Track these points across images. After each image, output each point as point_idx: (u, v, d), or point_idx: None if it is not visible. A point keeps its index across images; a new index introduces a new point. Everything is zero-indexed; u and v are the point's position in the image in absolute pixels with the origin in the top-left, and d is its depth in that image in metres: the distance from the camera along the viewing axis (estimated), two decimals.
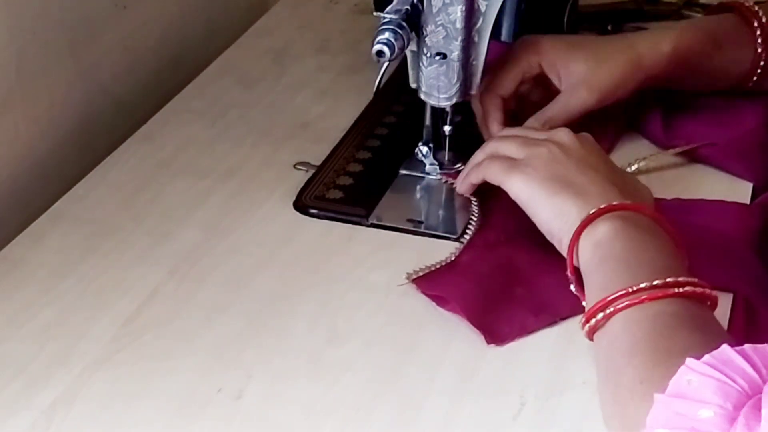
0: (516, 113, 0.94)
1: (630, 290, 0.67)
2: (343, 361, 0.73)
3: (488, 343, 0.75)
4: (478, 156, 0.85)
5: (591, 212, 0.73)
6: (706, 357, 0.56)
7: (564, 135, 0.81)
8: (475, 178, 0.85)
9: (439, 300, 0.78)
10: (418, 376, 0.72)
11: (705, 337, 0.63)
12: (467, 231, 0.85)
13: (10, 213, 0.92)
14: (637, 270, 0.69)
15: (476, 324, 0.75)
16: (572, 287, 0.73)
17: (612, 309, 0.67)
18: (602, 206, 0.74)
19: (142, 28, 1.10)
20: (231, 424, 0.69)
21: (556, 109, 0.92)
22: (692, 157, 0.94)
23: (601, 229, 0.73)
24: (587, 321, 0.69)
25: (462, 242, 0.84)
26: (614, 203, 0.74)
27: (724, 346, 0.57)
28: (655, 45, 0.94)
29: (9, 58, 0.91)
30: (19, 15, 0.92)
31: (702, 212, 0.86)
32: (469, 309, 0.76)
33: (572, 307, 0.75)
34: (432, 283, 0.79)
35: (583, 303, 0.72)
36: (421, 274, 0.80)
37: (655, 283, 0.67)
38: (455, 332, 0.76)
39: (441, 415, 0.69)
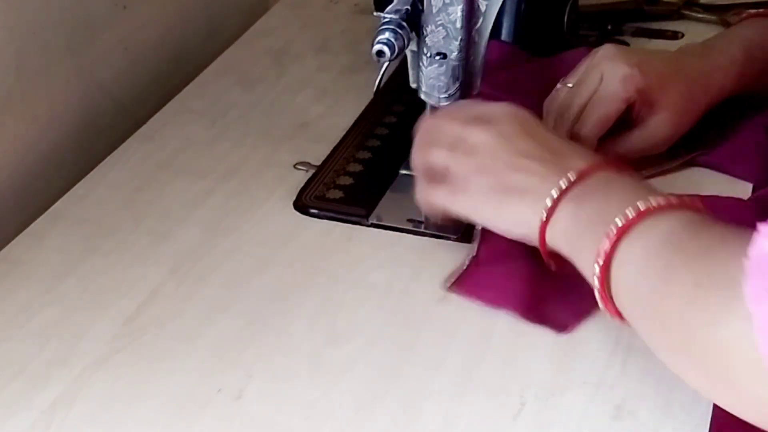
0: None
1: (626, 219, 0.66)
2: (343, 361, 0.73)
3: (558, 332, 0.74)
4: (417, 174, 0.83)
5: (545, 211, 0.72)
6: None
7: (479, 134, 0.78)
8: (427, 208, 0.82)
9: (484, 295, 0.78)
10: (418, 376, 0.72)
11: (729, 228, 0.62)
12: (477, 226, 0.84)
13: (10, 213, 0.92)
14: (617, 210, 0.67)
15: (536, 320, 0.75)
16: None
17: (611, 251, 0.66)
18: (554, 198, 0.72)
19: (142, 28, 1.10)
20: (231, 424, 0.69)
21: (628, 146, 0.90)
22: (692, 161, 0.94)
23: (562, 215, 0.72)
24: (602, 278, 0.67)
25: (476, 237, 0.84)
26: (562, 189, 0.72)
27: None
28: (724, 89, 0.92)
29: (9, 58, 0.91)
30: (19, 15, 0.92)
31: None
32: (520, 305, 0.76)
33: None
34: (471, 286, 0.79)
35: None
36: (453, 279, 0.80)
37: (642, 207, 0.66)
38: (455, 332, 0.76)
39: (441, 415, 0.69)
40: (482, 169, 0.76)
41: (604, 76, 0.90)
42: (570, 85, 0.92)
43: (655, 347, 0.66)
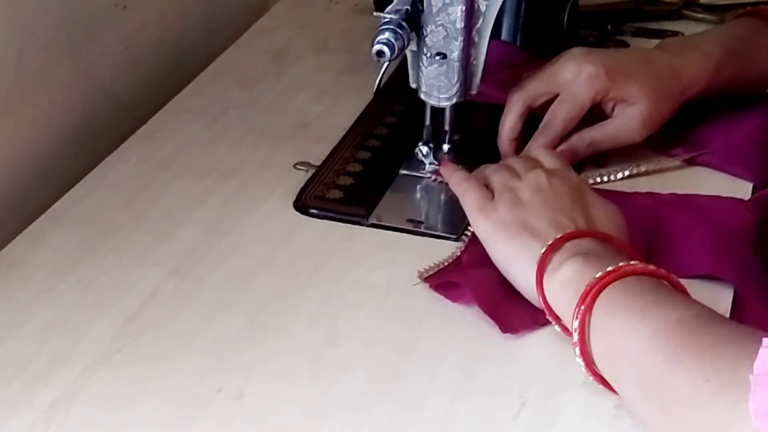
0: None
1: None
2: (343, 361, 0.73)
3: (503, 332, 0.75)
4: (474, 175, 0.85)
5: (543, 251, 0.74)
6: None
7: (534, 176, 0.80)
8: (454, 190, 0.85)
9: (450, 291, 0.78)
10: (418, 376, 0.72)
11: (731, 324, 0.64)
12: (468, 228, 0.84)
13: (10, 213, 0.92)
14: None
15: (489, 312, 0.76)
16: (556, 328, 0.73)
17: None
18: (552, 241, 0.74)
19: (142, 28, 1.10)
20: (231, 424, 0.69)
21: (604, 134, 0.92)
22: (691, 161, 0.94)
23: (564, 269, 0.72)
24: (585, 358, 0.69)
25: (465, 238, 0.84)
26: (559, 236, 0.74)
27: None
28: (696, 81, 0.93)
29: (9, 58, 0.91)
30: (19, 15, 0.92)
31: (696, 206, 0.87)
32: (481, 297, 0.76)
33: None
34: (443, 277, 0.80)
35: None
36: (431, 272, 0.81)
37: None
38: (455, 332, 0.76)
39: (441, 415, 0.69)
40: (517, 203, 0.79)
41: (568, 77, 0.92)
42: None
43: (654, 425, 0.65)
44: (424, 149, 0.93)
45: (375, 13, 0.86)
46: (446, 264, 0.82)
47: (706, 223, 0.84)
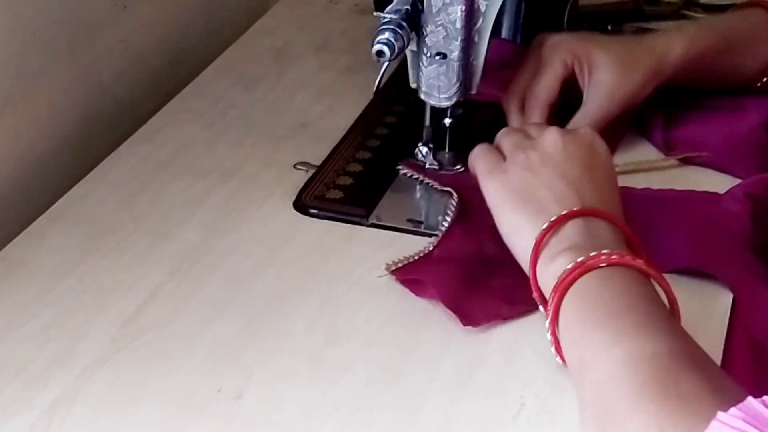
0: None
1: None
2: (343, 361, 0.73)
3: (464, 324, 0.75)
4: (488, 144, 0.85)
5: (543, 227, 0.73)
6: (734, 410, 0.54)
7: (549, 140, 0.79)
8: (472, 157, 0.84)
9: (415, 285, 0.79)
10: (418, 376, 0.72)
11: (704, 371, 0.62)
12: (444, 223, 0.85)
13: (10, 213, 0.92)
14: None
15: (451, 306, 0.76)
16: (542, 309, 0.73)
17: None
18: (554, 218, 0.73)
19: (142, 28, 1.10)
20: (231, 424, 0.69)
21: (580, 118, 0.92)
22: (691, 160, 0.94)
23: (557, 262, 0.72)
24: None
25: (439, 233, 0.84)
26: (562, 213, 0.73)
27: (749, 399, 0.55)
28: (671, 49, 0.94)
29: (9, 58, 0.91)
30: (19, 15, 0.92)
31: (670, 200, 0.87)
32: (443, 292, 0.77)
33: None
34: (409, 272, 0.80)
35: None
36: (399, 265, 0.81)
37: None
38: (455, 332, 0.76)
39: (441, 415, 0.69)
40: (527, 167, 0.78)
41: (541, 50, 0.94)
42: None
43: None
44: (424, 149, 0.93)
45: (375, 13, 0.86)
46: (415, 258, 0.82)
47: (683, 216, 0.84)
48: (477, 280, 0.79)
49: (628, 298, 0.68)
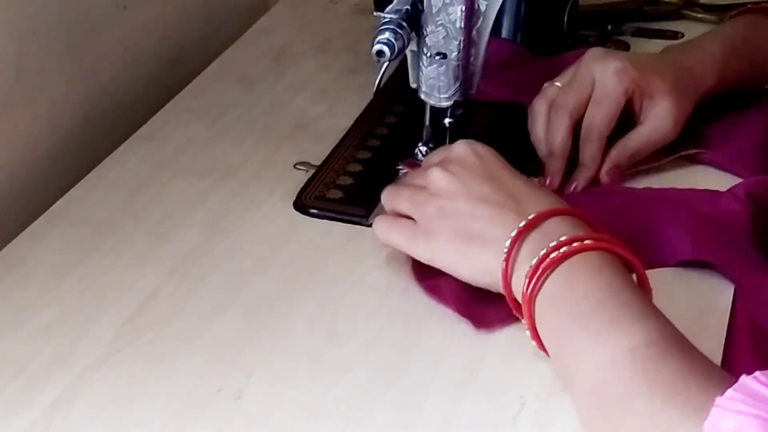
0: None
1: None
2: (343, 361, 0.73)
3: (476, 328, 0.75)
4: (382, 215, 0.83)
5: (503, 257, 0.72)
6: (731, 393, 0.55)
7: (437, 179, 0.78)
8: (383, 241, 0.82)
9: (427, 284, 0.79)
10: (418, 376, 0.72)
11: (683, 358, 0.62)
12: None
13: (10, 213, 0.92)
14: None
15: (464, 313, 0.76)
16: (528, 333, 0.72)
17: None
18: (509, 244, 0.72)
19: (142, 28, 1.10)
20: (231, 424, 0.69)
21: (640, 141, 0.91)
22: (692, 159, 0.94)
23: (520, 262, 0.72)
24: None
25: None
26: (515, 234, 0.72)
27: (743, 378, 0.55)
28: (707, 78, 0.93)
29: (9, 58, 0.91)
30: (19, 15, 0.92)
31: (674, 197, 0.87)
32: (456, 298, 0.77)
33: None
34: (423, 272, 0.80)
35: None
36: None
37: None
38: (455, 332, 0.76)
39: (441, 415, 0.69)
40: (443, 215, 0.77)
41: (597, 75, 0.91)
42: (558, 84, 0.93)
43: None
44: (424, 149, 0.93)
45: (375, 13, 0.85)
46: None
47: (684, 212, 0.84)
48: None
49: (597, 291, 0.68)
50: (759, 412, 0.53)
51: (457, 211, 0.76)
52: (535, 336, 0.71)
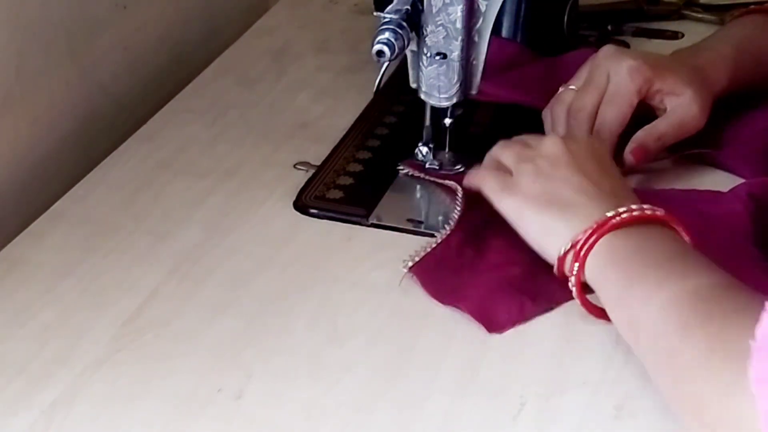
0: None
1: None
2: (343, 361, 0.73)
3: (489, 331, 0.75)
4: (484, 162, 0.85)
5: (581, 231, 0.74)
6: None
7: (551, 145, 0.80)
8: (474, 186, 0.84)
9: (434, 290, 0.79)
10: (418, 376, 0.72)
11: (748, 295, 0.64)
12: (451, 219, 0.85)
13: (10, 213, 0.92)
14: (653, 266, 0.70)
15: (475, 314, 0.76)
16: (573, 293, 0.74)
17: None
18: (593, 225, 0.74)
19: (142, 28, 1.10)
20: (231, 424, 0.69)
21: (670, 125, 0.90)
22: (697, 159, 0.94)
23: (603, 246, 0.73)
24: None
25: (447, 228, 0.84)
26: (602, 219, 0.74)
27: None
28: (719, 81, 0.93)
29: (9, 58, 0.91)
30: (19, 15, 0.92)
31: (678, 198, 0.87)
32: (466, 299, 0.77)
33: (568, 292, 0.75)
34: (426, 278, 0.80)
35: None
36: (416, 260, 0.81)
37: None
38: (455, 332, 0.76)
39: (441, 415, 0.69)
40: (539, 174, 0.79)
41: (610, 74, 0.91)
42: (573, 87, 0.92)
43: (667, 396, 0.66)
44: (424, 149, 0.93)
45: (375, 13, 0.86)
46: (425, 254, 0.81)
47: (686, 212, 0.83)
48: (495, 279, 0.79)
49: (658, 249, 0.71)
50: None
51: (554, 176, 0.78)
52: (582, 297, 0.74)
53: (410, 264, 0.80)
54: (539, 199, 0.78)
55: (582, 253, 0.73)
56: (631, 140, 0.90)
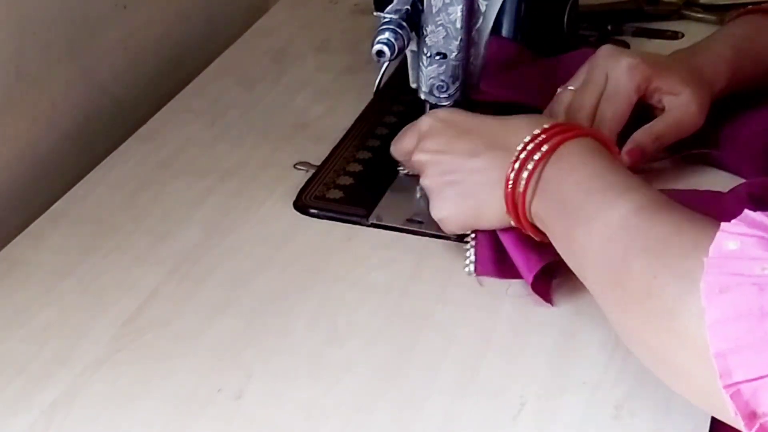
0: None
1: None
2: (343, 361, 0.73)
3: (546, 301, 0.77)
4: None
5: (509, 181, 0.75)
6: (735, 221, 0.58)
7: (422, 161, 0.81)
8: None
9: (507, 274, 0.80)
10: (418, 376, 0.72)
11: (685, 215, 0.65)
12: None
13: (10, 213, 0.92)
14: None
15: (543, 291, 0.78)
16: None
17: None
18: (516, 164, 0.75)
19: (142, 28, 1.10)
20: (231, 424, 0.69)
21: (668, 124, 0.90)
22: (699, 159, 0.94)
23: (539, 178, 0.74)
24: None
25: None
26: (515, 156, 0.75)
27: (746, 211, 0.58)
28: (718, 80, 0.93)
29: (9, 58, 0.91)
30: (19, 15, 0.92)
31: (676, 199, 0.87)
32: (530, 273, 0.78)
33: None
34: (488, 266, 0.80)
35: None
36: (474, 263, 0.81)
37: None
38: (455, 332, 0.76)
39: (441, 415, 0.69)
40: (444, 184, 0.80)
41: (609, 73, 0.91)
42: (572, 88, 0.92)
43: (616, 328, 0.68)
44: None
45: (375, 13, 0.85)
46: (475, 249, 0.82)
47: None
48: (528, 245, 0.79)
49: (587, 177, 0.72)
50: (762, 233, 0.57)
51: (445, 163, 0.79)
52: (529, 225, 0.75)
53: (472, 267, 0.81)
54: (464, 200, 0.79)
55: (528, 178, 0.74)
56: (628, 140, 0.90)
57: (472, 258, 0.81)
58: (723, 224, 0.58)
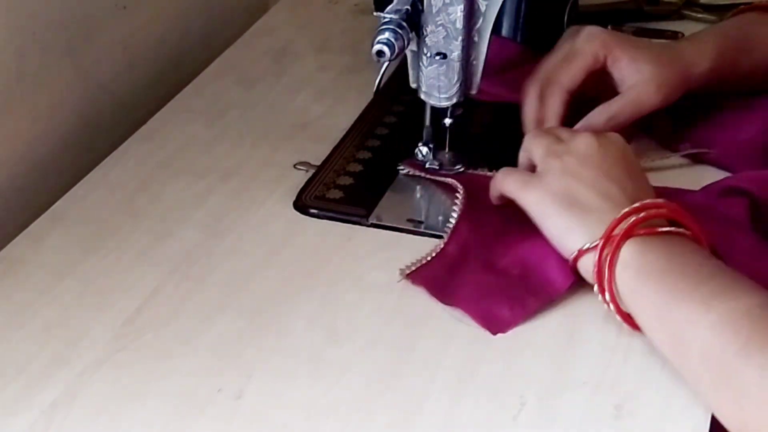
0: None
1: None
2: (343, 361, 0.73)
3: (493, 333, 0.75)
4: (521, 154, 0.85)
5: (602, 236, 0.74)
6: None
7: (583, 143, 0.80)
8: (495, 192, 0.84)
9: (435, 290, 0.79)
10: (418, 376, 0.72)
11: None
12: (450, 220, 0.85)
13: (10, 213, 0.92)
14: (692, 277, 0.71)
15: (476, 316, 0.76)
16: (610, 307, 0.74)
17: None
18: (610, 227, 0.74)
19: (142, 28, 1.10)
20: (231, 424, 0.69)
21: (623, 104, 0.91)
22: (698, 159, 0.94)
23: (626, 251, 0.73)
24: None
25: (447, 230, 0.84)
26: (624, 212, 0.74)
27: None
28: (699, 63, 0.93)
29: (9, 58, 0.91)
30: (19, 15, 0.92)
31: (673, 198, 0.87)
32: (466, 300, 0.77)
33: (568, 283, 0.76)
34: (427, 279, 0.80)
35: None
36: (413, 269, 0.81)
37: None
38: (455, 332, 0.76)
39: (441, 415, 0.69)
40: (566, 172, 0.79)
41: (571, 40, 0.92)
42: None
43: (725, 415, 0.66)
44: (424, 150, 0.93)
45: (375, 13, 0.85)
46: (427, 259, 0.81)
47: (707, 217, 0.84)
48: (495, 276, 0.79)
49: (696, 264, 0.71)
50: None
51: (581, 176, 0.78)
52: (619, 310, 0.73)
53: (407, 272, 0.80)
54: (563, 198, 0.78)
55: (609, 258, 0.73)
56: (582, 119, 0.90)
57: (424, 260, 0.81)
58: None
